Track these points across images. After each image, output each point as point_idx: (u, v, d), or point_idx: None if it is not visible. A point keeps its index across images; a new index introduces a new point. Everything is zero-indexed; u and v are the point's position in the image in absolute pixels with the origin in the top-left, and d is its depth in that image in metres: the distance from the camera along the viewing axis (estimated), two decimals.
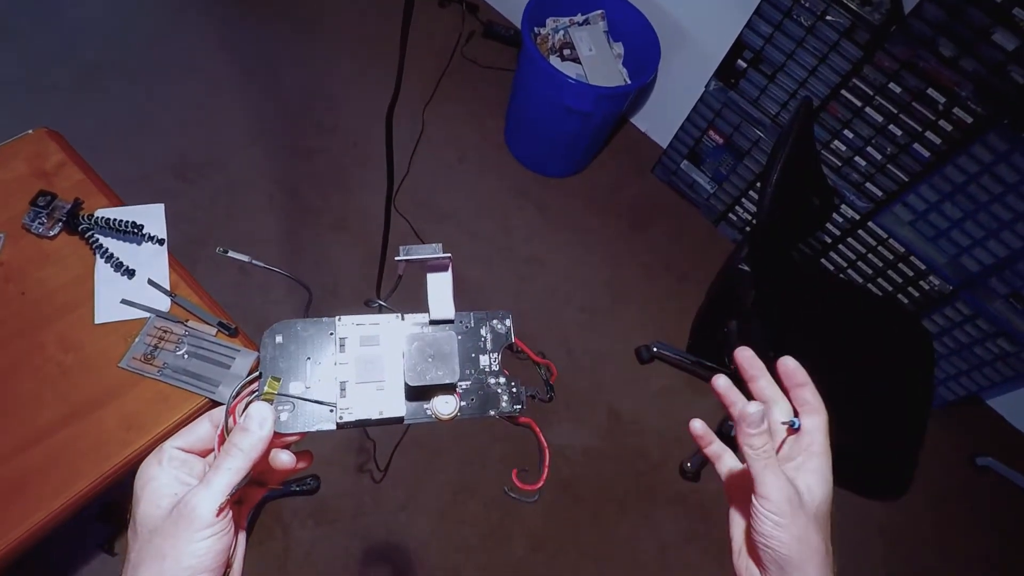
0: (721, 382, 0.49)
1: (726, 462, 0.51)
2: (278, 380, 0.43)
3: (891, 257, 1.90)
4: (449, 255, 0.46)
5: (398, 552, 1.60)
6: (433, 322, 0.47)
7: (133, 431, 0.89)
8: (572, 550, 1.69)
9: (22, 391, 0.89)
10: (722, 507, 0.50)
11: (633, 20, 2.06)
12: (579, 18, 2.12)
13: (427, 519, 1.65)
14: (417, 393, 0.44)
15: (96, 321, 0.96)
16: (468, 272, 2.02)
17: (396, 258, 0.45)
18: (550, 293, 2.05)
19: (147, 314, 0.98)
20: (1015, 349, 1.80)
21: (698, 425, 0.51)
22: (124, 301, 0.98)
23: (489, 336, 0.48)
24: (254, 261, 0.48)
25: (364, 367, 0.44)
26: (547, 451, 0.46)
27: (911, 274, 1.88)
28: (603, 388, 1.93)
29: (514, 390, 0.47)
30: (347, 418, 0.43)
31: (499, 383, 0.47)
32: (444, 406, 0.44)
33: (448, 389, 0.45)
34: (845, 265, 2.02)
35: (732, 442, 0.47)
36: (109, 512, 1.42)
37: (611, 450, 1.84)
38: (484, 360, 0.47)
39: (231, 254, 0.47)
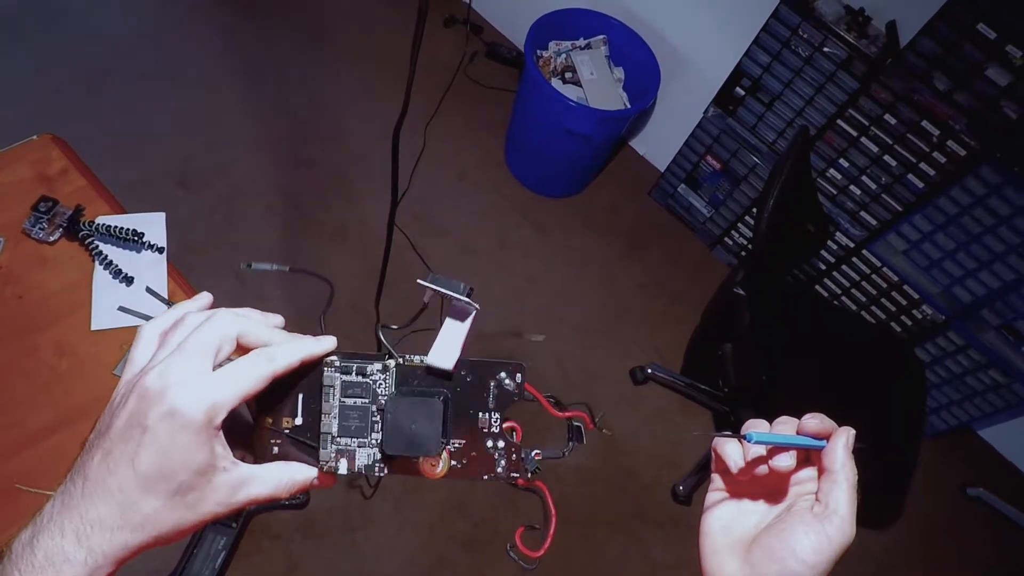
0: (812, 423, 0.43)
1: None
2: (270, 418, 0.42)
3: (884, 285, 1.91)
4: (476, 307, 0.42)
5: (386, 569, 1.58)
6: (429, 368, 0.42)
7: None
8: (562, 571, 1.67)
9: (14, 395, 0.89)
10: None
11: (634, 46, 2.09)
12: (581, 42, 2.15)
13: (416, 536, 1.63)
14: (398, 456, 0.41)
15: (92, 327, 0.96)
16: None
17: (419, 281, 0.42)
18: (546, 312, 2.05)
19: (143, 322, 0.98)
20: (1006, 380, 1.81)
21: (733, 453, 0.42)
22: (121, 308, 0.98)
23: (494, 392, 0.42)
24: (275, 266, 0.47)
25: (346, 420, 0.41)
26: (554, 519, 0.42)
27: (904, 303, 1.90)
28: (596, 408, 1.93)
29: (513, 457, 0.42)
30: (327, 469, 0.41)
31: (496, 447, 0.42)
32: (432, 467, 0.41)
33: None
34: (839, 292, 2.04)
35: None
36: None
37: (603, 471, 1.83)
38: (483, 418, 0.42)
39: (255, 267, 0.46)
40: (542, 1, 2.16)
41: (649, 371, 1.95)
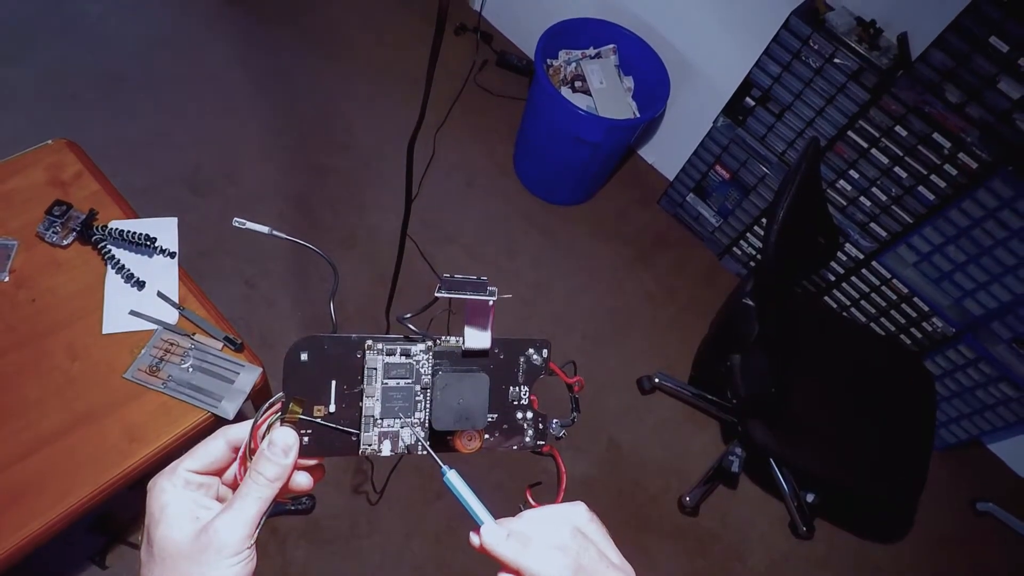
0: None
1: None
2: (302, 402, 0.41)
3: (894, 297, 1.90)
4: (494, 293, 0.42)
5: None
6: (467, 352, 0.44)
7: (135, 443, 0.89)
8: None
9: (27, 397, 0.89)
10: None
11: (644, 55, 2.10)
12: (591, 51, 2.16)
13: (423, 544, 1.63)
14: (442, 432, 0.43)
15: (104, 331, 0.96)
16: None
17: (437, 293, 0.41)
18: (553, 319, 2.05)
19: (154, 326, 0.98)
20: (1017, 394, 1.79)
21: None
22: (133, 312, 0.99)
23: (523, 367, 0.46)
24: (275, 232, 0.47)
25: (390, 401, 0.43)
26: (564, 477, 0.46)
27: (914, 315, 1.89)
28: (604, 418, 1.92)
29: (540, 427, 0.46)
30: (369, 452, 0.42)
31: (526, 418, 0.46)
32: (468, 442, 0.44)
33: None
34: (848, 304, 2.03)
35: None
36: (103, 523, 1.41)
37: (610, 481, 1.83)
38: (513, 392, 0.45)
39: (249, 225, 0.45)
40: (553, 10, 2.17)
41: (656, 380, 1.95)
